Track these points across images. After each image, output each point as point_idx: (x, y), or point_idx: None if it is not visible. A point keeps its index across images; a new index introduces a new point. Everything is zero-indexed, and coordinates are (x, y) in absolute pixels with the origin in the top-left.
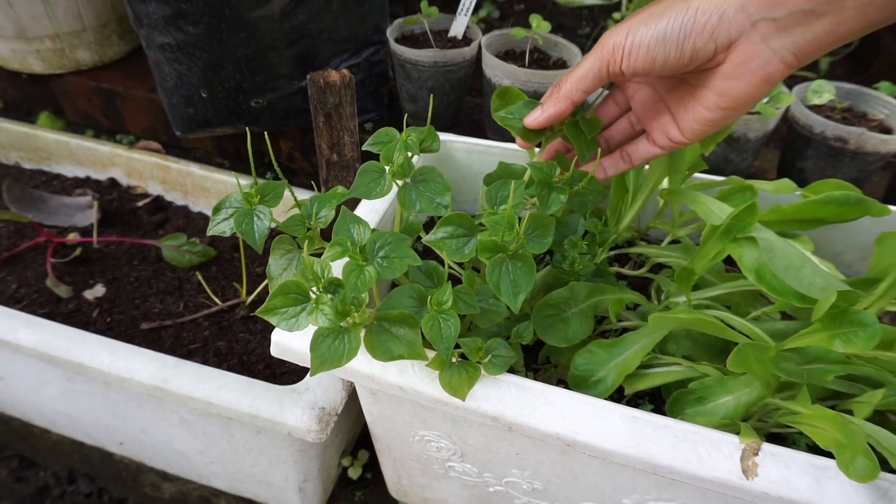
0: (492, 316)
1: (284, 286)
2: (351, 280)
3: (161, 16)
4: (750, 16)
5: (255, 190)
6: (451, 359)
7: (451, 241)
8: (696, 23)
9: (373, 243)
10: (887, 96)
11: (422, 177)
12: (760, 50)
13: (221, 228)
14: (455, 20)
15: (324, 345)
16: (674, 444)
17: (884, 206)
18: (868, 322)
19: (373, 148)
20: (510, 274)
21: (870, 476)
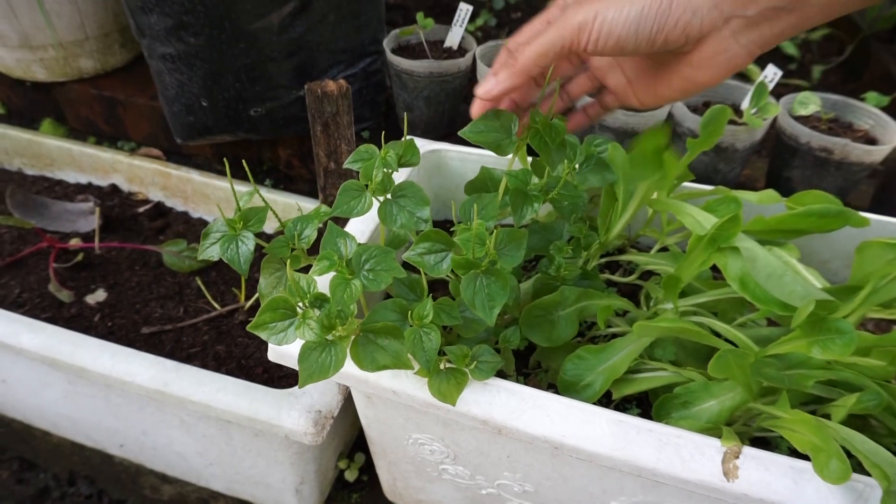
0: (475, 326)
1: (272, 302)
2: (338, 294)
3: (163, 27)
4: (723, 13)
5: (238, 217)
6: (437, 367)
7: (429, 257)
8: (669, 17)
9: (359, 257)
10: (872, 107)
11: (402, 192)
12: (730, 45)
13: (210, 254)
14: (450, 31)
15: (311, 357)
16: (658, 447)
17: (863, 217)
18: (845, 330)
19: (353, 166)
20: (485, 289)
21: (842, 478)
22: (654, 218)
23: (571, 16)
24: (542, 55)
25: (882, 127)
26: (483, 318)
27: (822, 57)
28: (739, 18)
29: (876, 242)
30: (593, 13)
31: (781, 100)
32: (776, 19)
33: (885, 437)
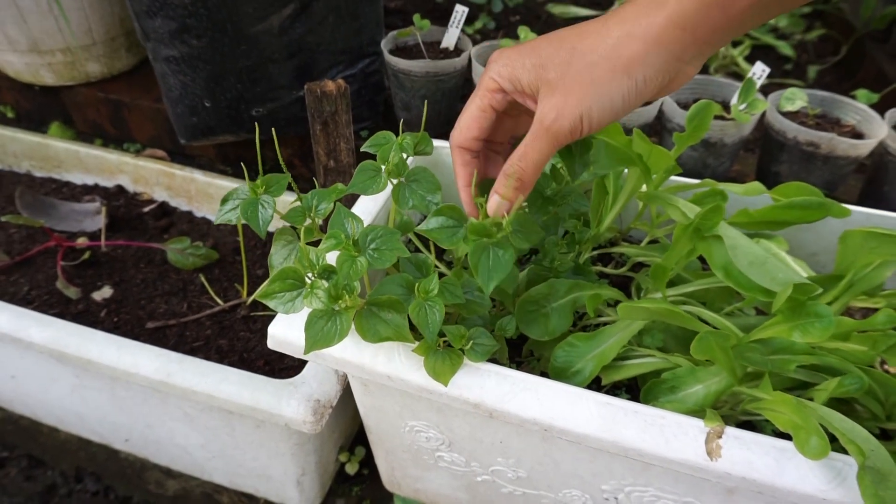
0: (475, 307)
1: (282, 272)
2: (344, 269)
3: (167, 30)
4: (683, 61)
5: (261, 181)
6: (436, 345)
7: (442, 231)
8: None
9: (364, 236)
10: (859, 103)
11: (415, 177)
12: (688, 73)
13: (228, 217)
14: (447, 32)
15: (317, 325)
16: (643, 427)
17: (844, 207)
18: (823, 314)
19: (370, 149)
20: (490, 259)
21: (822, 453)
22: (644, 211)
23: (558, 126)
24: (542, 165)
25: (868, 122)
26: (481, 285)
27: (817, 57)
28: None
29: (857, 232)
30: (578, 117)
31: (770, 96)
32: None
33: (868, 420)
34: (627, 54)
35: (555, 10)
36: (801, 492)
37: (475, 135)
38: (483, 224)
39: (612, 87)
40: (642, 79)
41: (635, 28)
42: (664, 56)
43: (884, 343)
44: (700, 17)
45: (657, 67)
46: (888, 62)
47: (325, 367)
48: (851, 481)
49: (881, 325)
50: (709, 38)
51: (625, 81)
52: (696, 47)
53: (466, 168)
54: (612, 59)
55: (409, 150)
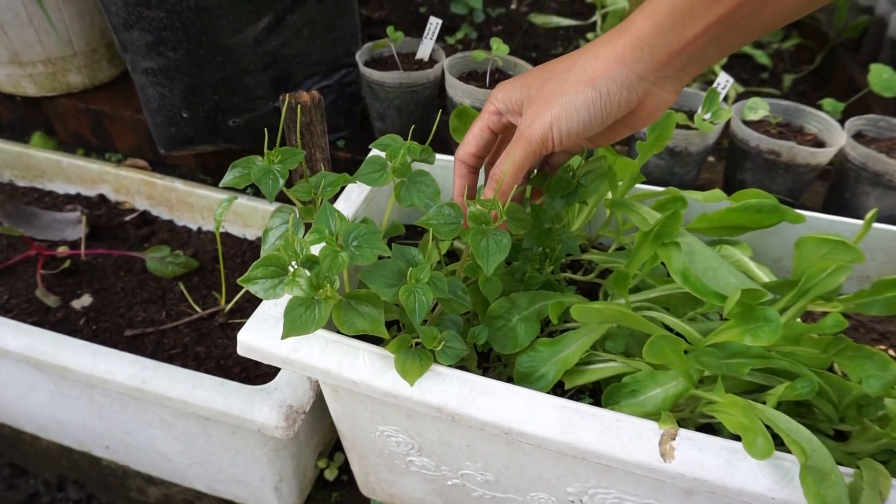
0: (456, 306)
1: (265, 259)
2: (326, 262)
3: (144, 42)
4: (649, 81)
5: (277, 151)
6: (408, 344)
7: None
8: (611, 103)
9: (348, 233)
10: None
11: (416, 178)
12: (662, 96)
13: (235, 182)
14: (421, 44)
15: (296, 312)
16: (599, 430)
17: (798, 213)
18: (772, 318)
19: (378, 148)
20: (489, 243)
21: (766, 453)
22: (611, 219)
23: (530, 132)
24: (520, 171)
25: (829, 131)
26: (482, 265)
27: (793, 66)
28: (663, 79)
29: (811, 238)
30: (548, 124)
31: (734, 106)
32: (688, 69)
33: (823, 422)
34: (592, 69)
35: (537, 20)
36: (752, 491)
37: (472, 151)
38: (482, 212)
39: (577, 97)
40: (605, 90)
41: (601, 51)
42: (625, 72)
43: (834, 347)
44: (656, 39)
45: (619, 81)
46: (858, 71)
47: (299, 374)
48: (798, 480)
49: (829, 329)
50: (669, 60)
51: (589, 92)
52: (656, 67)
53: (461, 179)
54: (579, 75)
55: (416, 153)
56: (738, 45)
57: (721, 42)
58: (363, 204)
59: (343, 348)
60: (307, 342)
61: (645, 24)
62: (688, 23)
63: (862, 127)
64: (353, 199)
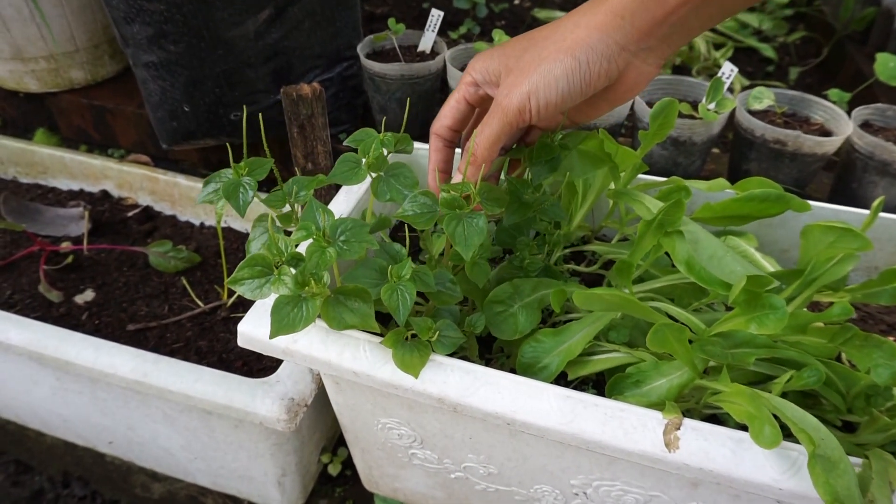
0: (446, 298)
1: (251, 259)
2: (313, 259)
3: (145, 36)
4: (630, 52)
5: (244, 163)
6: (403, 337)
7: (417, 214)
8: (590, 73)
9: (334, 228)
10: (828, 102)
11: (393, 171)
12: (643, 69)
13: (209, 197)
14: (423, 36)
15: (283, 311)
16: (603, 420)
17: (803, 201)
18: (778, 305)
19: (352, 143)
20: (464, 227)
21: (774, 442)
22: (614, 209)
23: (507, 102)
24: (496, 143)
25: (836, 120)
26: (461, 252)
27: (799, 59)
28: (644, 50)
29: (817, 226)
30: (526, 94)
31: (738, 96)
32: (669, 41)
33: (830, 412)
34: (572, 38)
35: (540, 14)
36: (758, 481)
37: (448, 124)
38: (454, 197)
39: (555, 66)
40: (585, 59)
41: (581, 19)
42: (605, 41)
43: (841, 336)
44: (637, 7)
45: (599, 51)
46: (866, 63)
47: (301, 367)
48: (805, 470)
49: (837, 318)
50: (650, 29)
51: (568, 60)
52: (638, 36)
53: (437, 154)
54: (559, 43)
55: (390, 146)
56: (721, 17)
57: (703, 11)
58: (364, 195)
59: (343, 339)
60: (307, 333)
61: None
62: None
63: (869, 116)
64: (353, 192)
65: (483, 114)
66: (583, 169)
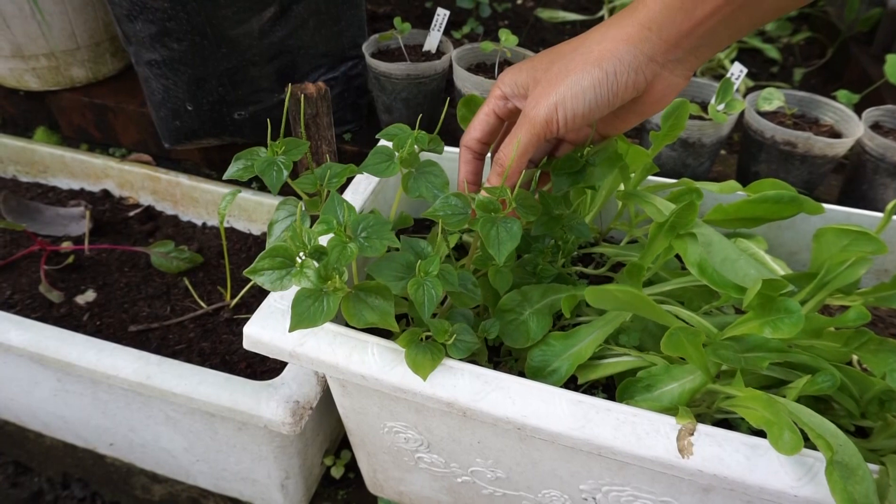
0: (466, 299)
1: (272, 250)
2: (334, 254)
3: (147, 34)
4: (658, 63)
5: (280, 142)
6: (418, 338)
7: (449, 214)
8: (618, 84)
9: (356, 224)
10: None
11: (424, 169)
12: (671, 80)
13: (238, 174)
14: (429, 35)
15: (304, 304)
16: (615, 425)
17: (817, 204)
18: (793, 309)
19: (385, 137)
20: (499, 231)
21: (795, 448)
22: (623, 211)
23: (534, 113)
24: (525, 154)
25: (846, 122)
26: (493, 253)
27: (803, 60)
28: (672, 61)
29: (831, 229)
30: (553, 105)
31: (748, 97)
32: (698, 53)
33: (843, 418)
34: (599, 49)
35: (543, 14)
36: (773, 488)
37: (477, 136)
38: (490, 200)
39: (583, 77)
40: (612, 70)
41: (609, 31)
42: (633, 52)
43: (856, 340)
44: (664, 18)
45: (627, 62)
46: (872, 64)
47: (305, 370)
48: (822, 477)
49: (852, 322)
50: (678, 40)
51: (595, 72)
52: (666, 48)
53: (466, 166)
54: (586, 55)
55: (424, 143)
56: (751, 27)
57: (732, 23)
58: (371, 196)
59: (351, 342)
60: (314, 336)
61: (654, 3)
62: (698, 2)
63: (879, 118)
64: (360, 192)
65: (511, 126)
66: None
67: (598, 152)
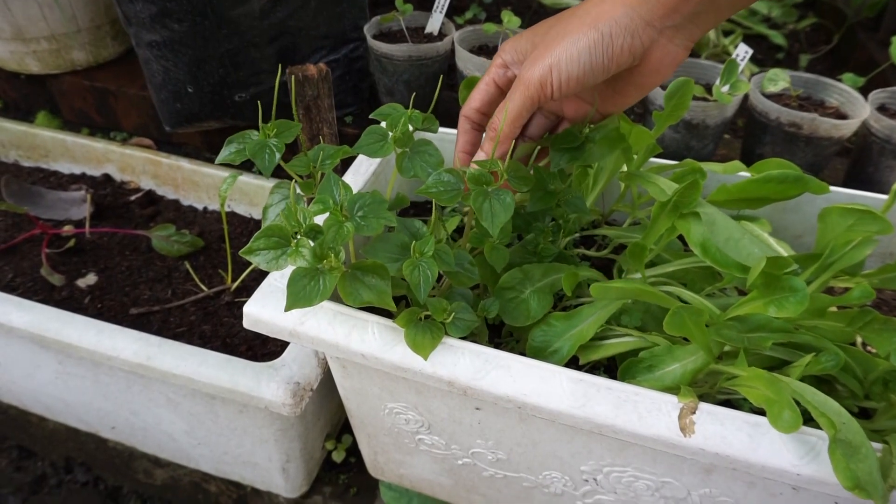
0: (464, 279)
1: (268, 230)
2: (331, 233)
3: (148, 14)
4: (655, 28)
5: (272, 125)
6: (417, 317)
7: (441, 191)
8: (613, 47)
9: (352, 203)
10: (843, 85)
11: (419, 148)
12: (669, 49)
13: (230, 158)
14: (431, 17)
15: (300, 284)
16: (616, 404)
17: (822, 183)
18: (798, 287)
19: (379, 117)
20: (491, 203)
21: (794, 426)
22: (626, 193)
23: (529, 75)
24: (518, 118)
25: (852, 103)
26: (487, 227)
27: (809, 46)
28: (670, 28)
29: (836, 208)
30: (548, 67)
31: (752, 78)
32: (697, 20)
33: (847, 399)
34: (596, 11)
35: (546, 0)
36: (775, 466)
37: (476, 106)
38: (481, 172)
39: (579, 38)
40: (608, 32)
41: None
42: (630, 15)
43: (860, 320)
44: None
45: (623, 25)
46: (878, 50)
47: (306, 351)
48: (824, 455)
49: (856, 300)
50: (676, 4)
51: (591, 33)
52: (664, 12)
53: (464, 136)
54: (583, 17)
55: (417, 122)
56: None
57: None
58: (371, 178)
59: (351, 321)
60: (314, 314)
61: None
62: None
63: (885, 100)
64: (361, 173)
65: None
66: (600, 151)
67: (599, 129)
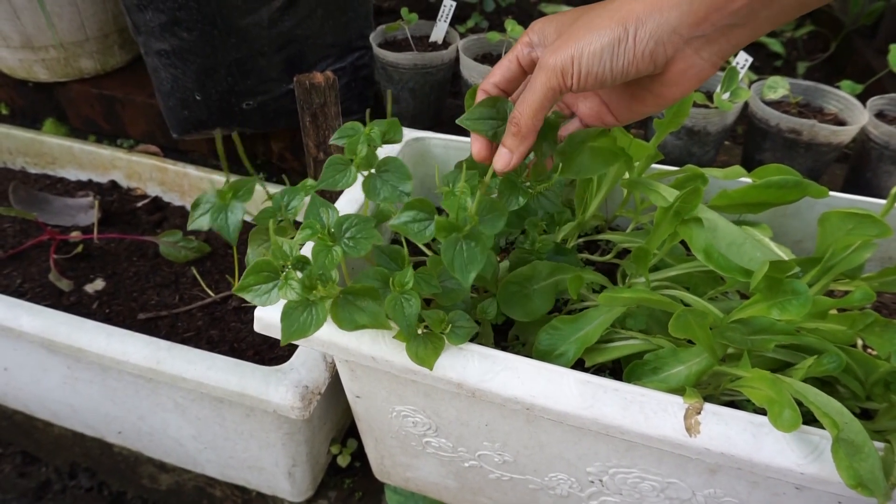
0: (453, 295)
1: (256, 265)
2: (319, 259)
3: (157, 23)
4: (682, 37)
5: (228, 187)
6: (415, 331)
7: (413, 225)
8: (636, 50)
9: (340, 225)
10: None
11: (386, 167)
12: (694, 61)
13: (200, 223)
14: (435, 26)
15: (293, 316)
16: (623, 405)
17: (821, 187)
18: (801, 290)
19: (338, 142)
20: (464, 252)
21: (793, 426)
22: (628, 198)
23: (552, 62)
24: (541, 109)
25: (850, 110)
26: (460, 279)
27: (807, 54)
28: (698, 38)
29: (836, 213)
30: (570, 57)
31: (753, 85)
32: (730, 35)
33: (848, 400)
34: (626, 9)
35: (547, 9)
36: (779, 466)
37: (495, 80)
38: (449, 220)
39: (603, 33)
40: (633, 30)
41: None
42: (658, 20)
43: (861, 322)
44: None
45: (650, 28)
46: (875, 57)
47: (314, 355)
48: (828, 454)
49: (857, 303)
50: (707, 14)
51: (617, 29)
52: (693, 21)
53: None
54: (612, 12)
55: (378, 140)
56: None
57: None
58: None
59: None
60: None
61: None
62: None
63: (883, 106)
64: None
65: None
66: (595, 166)
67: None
